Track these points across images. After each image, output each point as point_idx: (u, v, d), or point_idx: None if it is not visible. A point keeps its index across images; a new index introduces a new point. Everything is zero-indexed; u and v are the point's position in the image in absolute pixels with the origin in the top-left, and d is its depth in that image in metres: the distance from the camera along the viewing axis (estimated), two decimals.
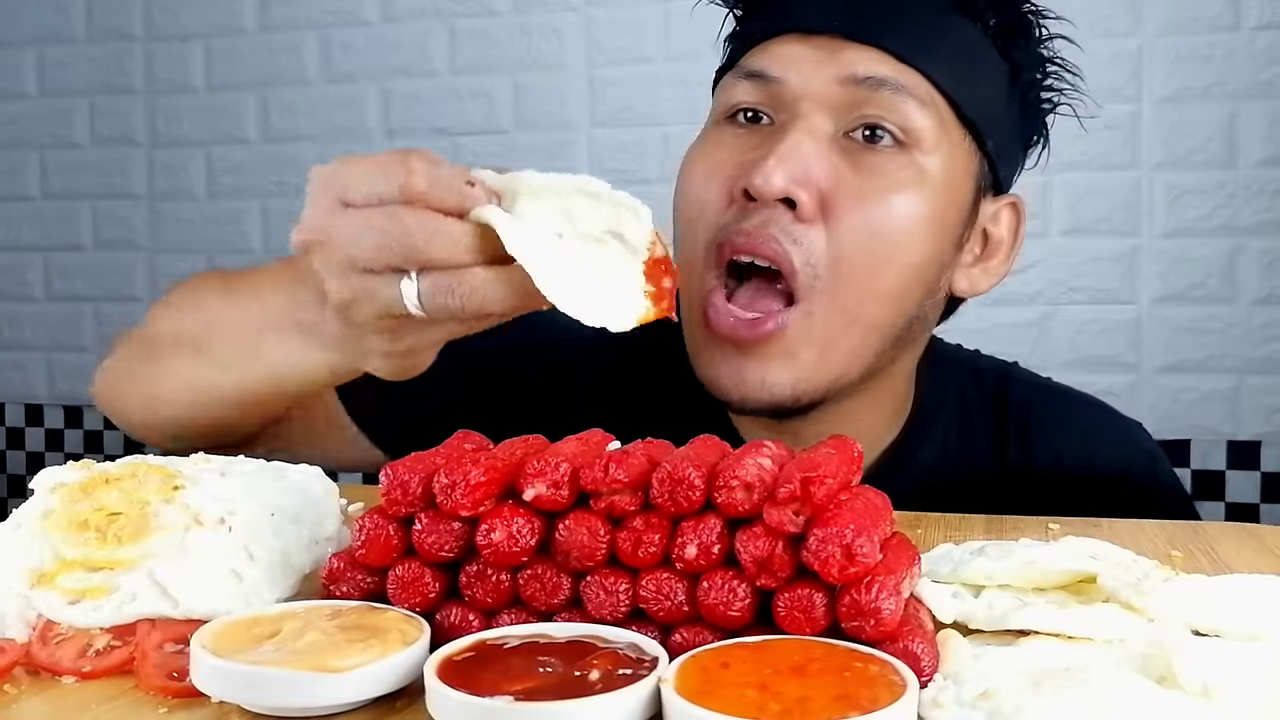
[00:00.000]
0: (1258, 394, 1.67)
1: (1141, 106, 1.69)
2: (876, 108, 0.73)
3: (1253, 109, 1.65)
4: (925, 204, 0.74)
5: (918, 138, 0.73)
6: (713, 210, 0.74)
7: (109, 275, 2.16)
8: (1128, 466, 0.87)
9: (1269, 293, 1.66)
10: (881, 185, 0.73)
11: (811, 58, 0.74)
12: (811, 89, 0.74)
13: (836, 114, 0.74)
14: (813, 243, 0.71)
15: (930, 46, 0.75)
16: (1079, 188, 1.71)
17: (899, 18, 0.75)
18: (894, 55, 0.74)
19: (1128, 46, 1.69)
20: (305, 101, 2.04)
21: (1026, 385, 0.91)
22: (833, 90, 0.73)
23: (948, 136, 0.75)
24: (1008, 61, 0.79)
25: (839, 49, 0.74)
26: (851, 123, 0.74)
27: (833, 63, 0.74)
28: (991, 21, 0.78)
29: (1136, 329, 1.71)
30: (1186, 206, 1.68)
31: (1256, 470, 1.68)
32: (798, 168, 0.71)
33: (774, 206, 0.71)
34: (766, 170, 0.70)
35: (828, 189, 0.72)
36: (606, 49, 1.89)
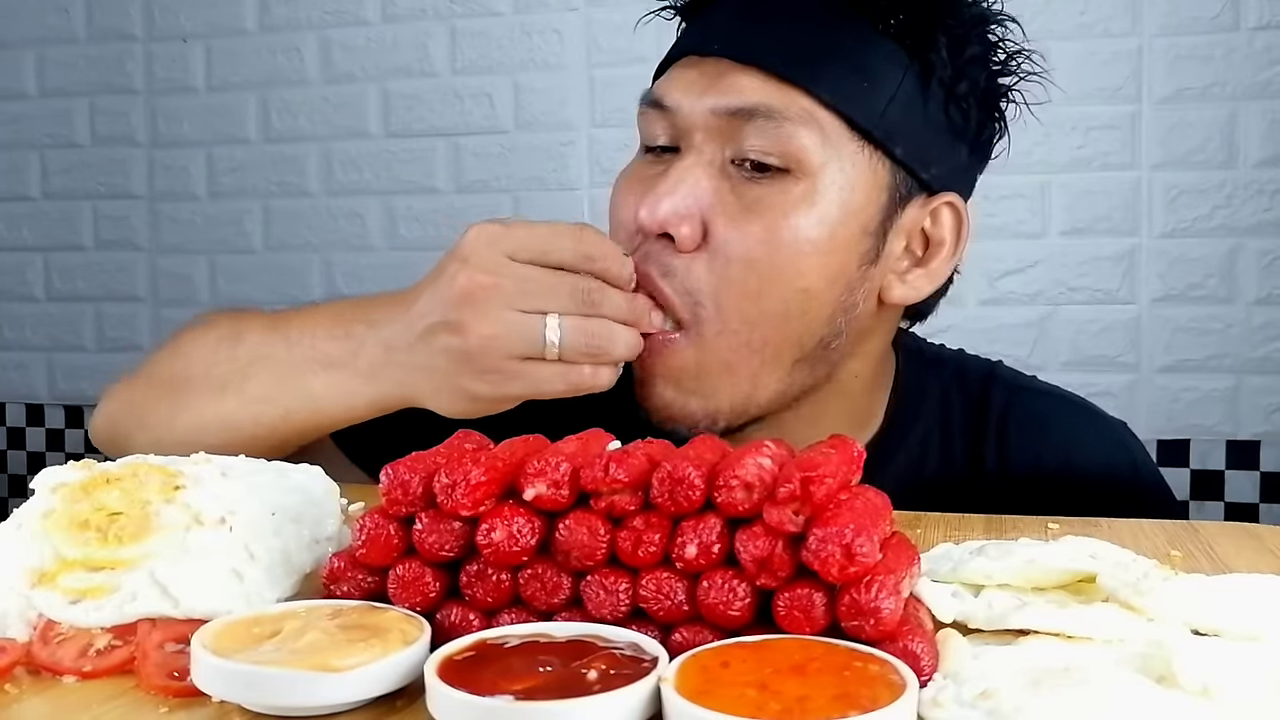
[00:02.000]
0: (1257, 394, 1.67)
1: (1141, 107, 1.69)
2: (752, 139, 0.72)
3: (1252, 109, 1.66)
4: (814, 226, 0.72)
5: (798, 160, 0.72)
6: (621, 235, 0.77)
7: (109, 275, 2.16)
8: (1109, 468, 0.86)
9: (1268, 293, 1.66)
10: (763, 212, 0.72)
11: (697, 85, 0.75)
12: (696, 118, 0.74)
13: (722, 141, 0.74)
14: (689, 272, 0.72)
15: (814, 62, 0.73)
16: (1078, 188, 1.71)
17: (783, 35, 0.74)
18: (774, 75, 0.72)
19: (1127, 46, 1.69)
20: (305, 102, 2.04)
21: (1008, 387, 0.89)
22: (712, 120, 0.74)
23: (838, 152, 0.73)
24: (917, 60, 0.74)
25: (721, 75, 0.74)
26: (735, 152, 0.73)
27: (712, 91, 0.73)
28: (893, 20, 0.74)
29: (1136, 329, 1.71)
30: (1186, 206, 1.68)
31: (1256, 470, 1.69)
32: (679, 201, 0.72)
33: (655, 239, 0.73)
34: (649, 204, 0.72)
35: (709, 218, 0.72)
36: (607, 49, 1.89)
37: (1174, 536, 0.65)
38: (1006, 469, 0.85)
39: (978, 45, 0.77)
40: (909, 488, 0.82)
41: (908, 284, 0.79)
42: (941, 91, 0.76)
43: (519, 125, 1.95)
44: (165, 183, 2.13)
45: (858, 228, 0.74)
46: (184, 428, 0.78)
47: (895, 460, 0.84)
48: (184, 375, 0.80)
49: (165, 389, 0.81)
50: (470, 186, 1.98)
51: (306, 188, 2.05)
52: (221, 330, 0.81)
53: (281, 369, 0.75)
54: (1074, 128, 1.69)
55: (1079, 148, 1.70)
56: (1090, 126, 1.70)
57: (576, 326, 0.67)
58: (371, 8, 2.00)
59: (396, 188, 2.01)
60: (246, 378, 0.76)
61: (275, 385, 0.75)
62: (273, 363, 0.76)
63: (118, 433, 0.85)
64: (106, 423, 0.87)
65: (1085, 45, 1.68)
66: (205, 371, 0.79)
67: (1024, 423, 0.87)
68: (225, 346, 0.79)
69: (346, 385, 0.73)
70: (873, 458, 0.82)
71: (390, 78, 2.00)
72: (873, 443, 0.84)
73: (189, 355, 0.81)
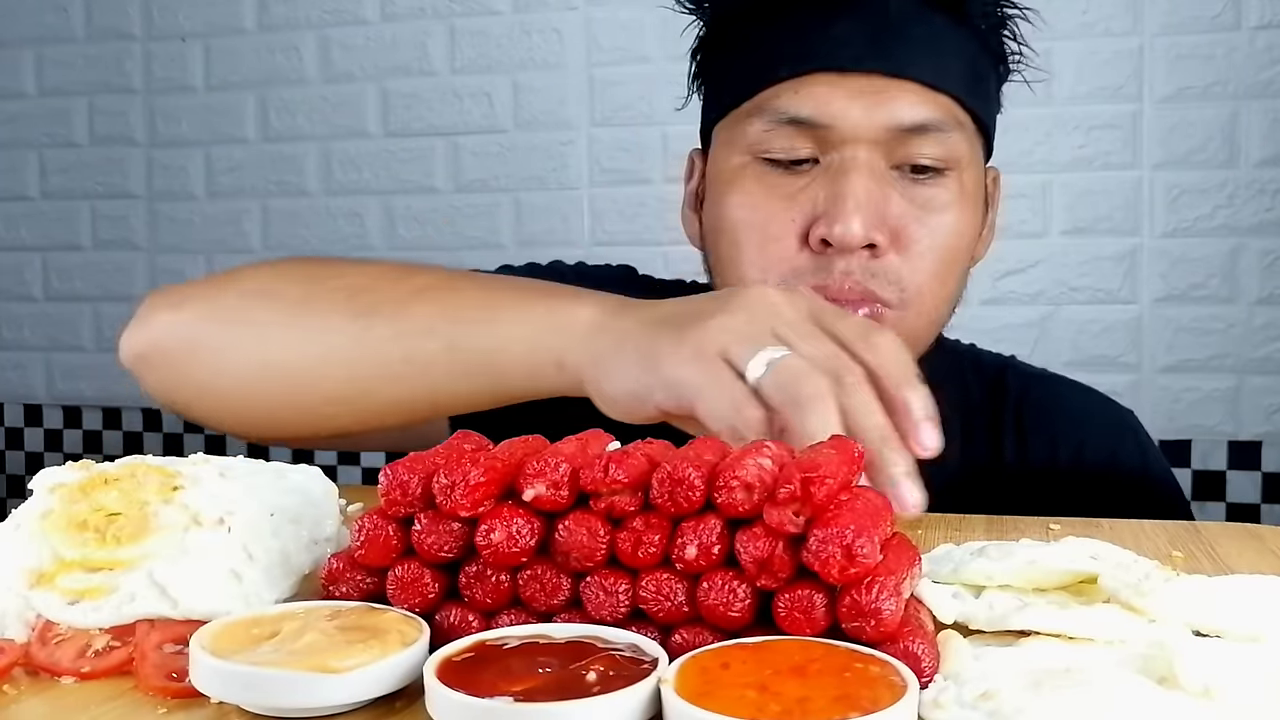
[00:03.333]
0: (1258, 394, 1.67)
1: (1142, 106, 1.69)
2: (922, 147, 0.78)
3: (1253, 108, 1.65)
4: (968, 213, 0.81)
5: (957, 162, 0.80)
6: (780, 248, 0.78)
7: (108, 275, 2.16)
8: (1116, 453, 0.89)
9: (1270, 293, 1.66)
10: (935, 210, 0.79)
11: (857, 103, 0.78)
12: (862, 134, 0.78)
13: (885, 152, 0.78)
14: (889, 270, 0.78)
15: (953, 69, 0.80)
16: (1079, 187, 1.71)
17: (924, 47, 0.79)
18: (928, 86, 0.78)
19: (1128, 46, 1.69)
20: (304, 101, 2.04)
21: (1023, 375, 0.95)
22: (881, 134, 0.78)
23: (974, 148, 0.82)
24: (993, 57, 0.85)
25: (880, 90, 0.78)
26: (898, 159, 0.78)
27: (879, 109, 0.77)
28: (982, 25, 0.82)
29: (1137, 329, 1.71)
30: (1187, 206, 1.68)
31: (1257, 470, 1.68)
32: (871, 212, 0.76)
33: (853, 251, 0.76)
34: (846, 220, 0.75)
35: (895, 224, 0.78)
36: (606, 48, 1.89)
37: (1175, 537, 0.65)
38: (1026, 458, 0.89)
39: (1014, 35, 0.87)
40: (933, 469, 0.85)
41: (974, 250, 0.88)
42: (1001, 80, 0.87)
43: (518, 125, 1.95)
44: (164, 182, 2.13)
45: (981, 209, 0.85)
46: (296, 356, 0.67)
47: None
48: (305, 295, 0.69)
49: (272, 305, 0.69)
50: (469, 186, 1.98)
51: (305, 187, 2.05)
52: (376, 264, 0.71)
53: (459, 305, 0.66)
54: (1075, 127, 1.69)
55: (1080, 147, 1.70)
56: (1091, 126, 1.70)
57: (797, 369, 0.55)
58: (370, 7, 2.00)
59: (395, 187, 2.01)
60: (406, 306, 0.66)
61: (445, 318, 0.65)
62: (450, 296, 0.66)
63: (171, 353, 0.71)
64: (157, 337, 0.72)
65: (1087, 44, 1.68)
66: (347, 295, 0.67)
67: (1039, 408, 0.92)
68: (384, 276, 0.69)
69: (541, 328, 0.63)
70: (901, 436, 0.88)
71: (389, 77, 2.00)
72: None
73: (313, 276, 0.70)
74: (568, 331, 0.63)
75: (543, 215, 1.94)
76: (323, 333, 0.67)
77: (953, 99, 0.79)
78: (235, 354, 0.69)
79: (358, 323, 0.66)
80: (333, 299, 0.68)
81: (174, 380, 0.72)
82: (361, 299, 0.67)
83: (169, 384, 0.73)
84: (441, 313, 0.65)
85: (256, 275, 0.73)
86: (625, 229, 1.89)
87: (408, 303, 0.66)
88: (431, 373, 0.65)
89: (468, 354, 0.64)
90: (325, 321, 0.67)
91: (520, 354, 0.63)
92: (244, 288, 0.72)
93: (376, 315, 0.66)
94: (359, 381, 0.61)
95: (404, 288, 0.67)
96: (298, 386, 0.69)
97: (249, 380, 0.69)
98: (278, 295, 0.70)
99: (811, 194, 0.78)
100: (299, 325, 0.68)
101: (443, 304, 0.66)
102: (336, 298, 0.68)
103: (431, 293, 0.67)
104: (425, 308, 0.66)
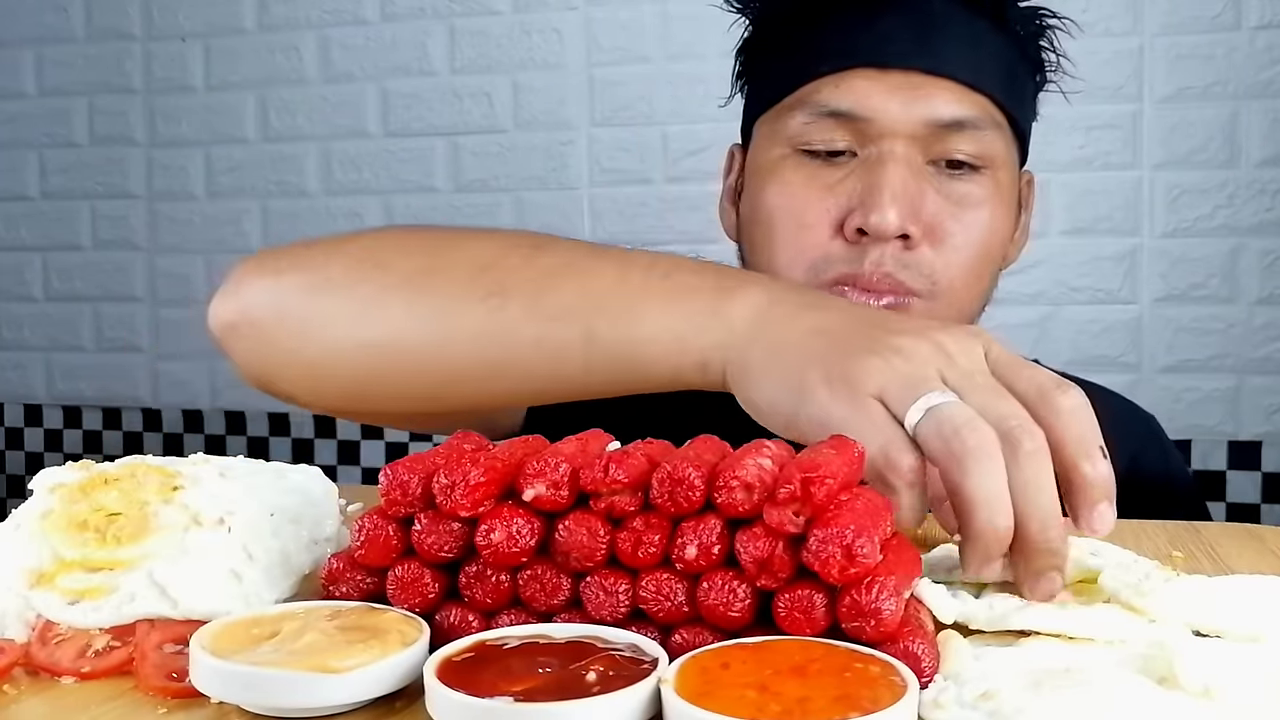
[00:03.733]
0: (1259, 394, 1.67)
1: (1142, 106, 1.69)
2: (959, 143, 0.79)
3: (1253, 108, 1.65)
4: (1002, 211, 0.83)
5: (992, 160, 0.81)
6: (815, 236, 0.79)
7: (108, 275, 2.16)
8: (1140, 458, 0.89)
9: (1270, 292, 1.66)
10: (970, 207, 0.81)
11: (895, 97, 0.79)
12: (900, 128, 0.79)
13: (922, 147, 0.79)
14: (922, 262, 0.79)
15: (991, 70, 0.81)
16: (1079, 187, 1.71)
17: (964, 46, 0.81)
18: (966, 85, 0.80)
19: (1128, 46, 1.69)
20: (304, 101, 2.04)
21: None
22: (919, 129, 0.79)
23: (1009, 148, 0.83)
24: (1030, 63, 0.86)
25: (919, 86, 0.79)
26: (934, 154, 0.80)
27: (917, 104, 0.79)
28: (1020, 31, 0.84)
29: (1137, 329, 1.71)
30: (1187, 206, 1.68)
31: (1257, 470, 1.68)
32: (906, 204, 0.77)
33: (887, 241, 0.77)
34: (883, 209, 0.76)
35: (929, 218, 0.79)
36: (606, 48, 1.89)
37: (1175, 537, 0.65)
38: None
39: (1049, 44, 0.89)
40: None
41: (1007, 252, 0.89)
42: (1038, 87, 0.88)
43: (518, 125, 1.95)
44: (164, 182, 2.13)
45: (1015, 209, 0.87)
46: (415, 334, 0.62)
47: None
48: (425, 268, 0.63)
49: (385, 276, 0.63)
50: (469, 186, 1.98)
51: (305, 187, 2.05)
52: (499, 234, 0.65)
53: (599, 291, 0.60)
54: (1075, 127, 1.69)
55: (1080, 147, 1.70)
56: (1091, 126, 1.70)
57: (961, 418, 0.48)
58: (370, 7, 2.00)
59: (395, 187, 2.01)
60: (540, 287, 0.61)
61: (584, 303, 0.60)
62: (592, 278, 0.60)
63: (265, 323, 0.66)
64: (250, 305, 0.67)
65: (1086, 44, 1.67)
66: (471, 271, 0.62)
67: None
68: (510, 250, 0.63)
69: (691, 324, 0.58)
70: None
71: (389, 77, 2.00)
72: None
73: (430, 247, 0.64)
74: (720, 332, 0.58)
75: (543, 215, 1.94)
76: (446, 313, 0.61)
77: (990, 99, 0.80)
78: (342, 328, 0.64)
79: (488, 302, 0.61)
80: (454, 274, 0.62)
81: (266, 352, 0.68)
82: (489, 276, 0.61)
83: (260, 355, 0.68)
84: (580, 298, 0.60)
85: (364, 242, 0.67)
86: (625, 229, 1.89)
87: (541, 284, 0.61)
88: (565, 360, 0.60)
89: (608, 344, 0.59)
90: (448, 299, 0.61)
91: (665, 350, 0.58)
92: (351, 255, 0.66)
93: (507, 295, 0.61)
94: (484, 365, 0.56)
95: (535, 267, 0.62)
96: (413, 366, 0.63)
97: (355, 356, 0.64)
98: (391, 266, 0.64)
99: (849, 185, 0.79)
100: (419, 302, 0.62)
101: (581, 288, 0.60)
102: (458, 274, 0.62)
103: (566, 273, 0.61)
104: (561, 291, 0.60)
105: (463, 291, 0.62)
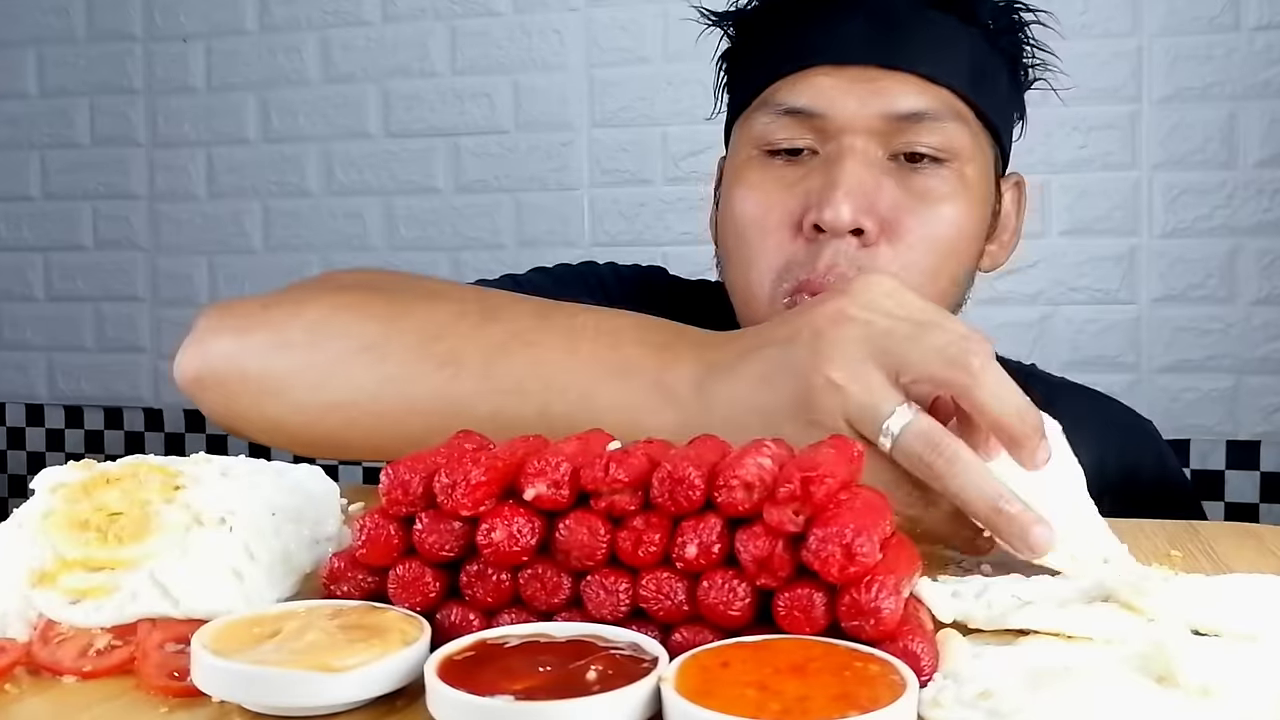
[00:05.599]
0: (1257, 394, 1.67)
1: (1141, 106, 1.69)
2: (918, 135, 0.78)
3: (1252, 109, 1.66)
4: (968, 207, 0.81)
5: (956, 153, 0.80)
6: (777, 239, 0.79)
7: (109, 275, 2.16)
8: (1137, 463, 0.90)
9: (1268, 293, 1.67)
10: (932, 201, 0.79)
11: (852, 92, 0.79)
12: (856, 123, 0.78)
13: (881, 140, 0.79)
14: (878, 260, 0.78)
15: (953, 62, 0.80)
16: (1078, 188, 1.71)
17: (924, 40, 0.80)
18: (925, 78, 0.79)
19: (1127, 46, 1.69)
20: (305, 101, 2.04)
21: (1046, 384, 0.95)
22: (876, 123, 0.78)
23: (977, 142, 0.82)
24: (1004, 56, 0.85)
25: (874, 79, 0.79)
26: (895, 148, 0.79)
27: (874, 98, 0.78)
28: (991, 25, 0.83)
29: (1136, 329, 1.71)
30: (1186, 206, 1.68)
31: (1256, 470, 1.69)
32: (861, 198, 0.76)
33: (842, 237, 0.76)
34: (835, 204, 0.75)
35: (887, 212, 0.78)
36: (607, 49, 1.89)
37: (1174, 536, 0.65)
38: None
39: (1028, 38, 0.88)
40: None
41: (991, 256, 0.88)
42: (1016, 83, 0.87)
43: (519, 125, 1.95)
44: (165, 182, 2.13)
45: (987, 208, 0.84)
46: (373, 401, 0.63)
47: None
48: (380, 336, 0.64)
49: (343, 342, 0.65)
50: (470, 186, 1.98)
51: (306, 188, 2.05)
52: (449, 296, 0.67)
53: (549, 369, 0.61)
54: (1074, 128, 1.69)
55: (1079, 147, 1.71)
56: (1090, 126, 1.70)
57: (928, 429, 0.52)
58: (371, 8, 2.00)
59: (396, 188, 2.01)
60: (492, 360, 0.62)
61: (536, 381, 0.60)
62: (541, 350, 0.61)
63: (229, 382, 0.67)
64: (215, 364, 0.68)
65: (1085, 45, 1.68)
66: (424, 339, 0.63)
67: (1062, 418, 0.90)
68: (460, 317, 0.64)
69: (643, 401, 0.58)
70: None
71: (390, 78, 2.00)
72: None
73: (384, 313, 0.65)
74: (671, 411, 0.58)
75: (543, 216, 1.94)
76: (405, 381, 0.62)
77: (952, 92, 0.80)
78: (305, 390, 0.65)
79: (443, 372, 0.62)
80: (407, 341, 0.63)
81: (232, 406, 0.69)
82: (442, 345, 0.63)
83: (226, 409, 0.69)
84: (532, 374, 0.61)
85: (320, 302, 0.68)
86: (626, 229, 1.90)
87: (493, 357, 0.62)
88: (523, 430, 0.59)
89: (565, 420, 0.58)
90: (405, 368, 0.62)
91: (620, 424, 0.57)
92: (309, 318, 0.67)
93: (460, 365, 0.62)
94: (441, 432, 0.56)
95: (485, 338, 0.62)
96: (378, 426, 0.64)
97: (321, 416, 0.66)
98: (348, 332, 0.65)
99: (808, 183, 0.79)
100: (378, 369, 0.63)
101: (532, 361, 0.61)
102: (410, 340, 0.63)
103: (514, 345, 0.62)
104: (512, 366, 0.61)
105: (418, 359, 0.63)
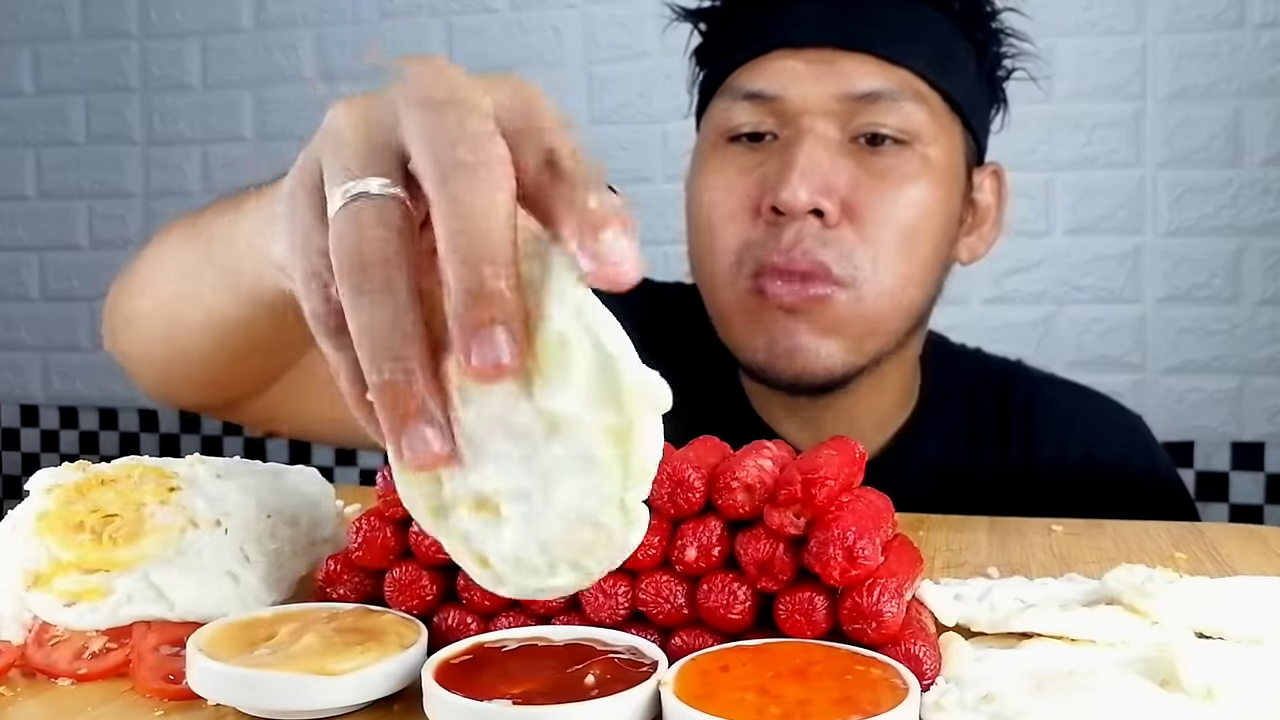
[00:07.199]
0: (1262, 395, 1.67)
1: (1145, 104, 1.68)
2: (876, 116, 0.78)
3: (1257, 107, 1.65)
4: (933, 189, 0.79)
5: (917, 134, 0.79)
6: (737, 225, 0.79)
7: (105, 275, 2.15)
8: (1125, 458, 0.90)
9: (1274, 293, 1.66)
10: (894, 181, 0.78)
11: (808, 74, 0.78)
12: (813, 104, 0.78)
13: (840, 122, 0.78)
14: (843, 242, 0.76)
15: (914, 44, 0.80)
16: (1082, 186, 1.71)
17: (882, 21, 0.80)
18: (884, 59, 0.78)
19: (1131, 44, 1.68)
20: (301, 99, 2.03)
21: (1031, 380, 0.95)
22: (833, 104, 0.78)
23: (941, 124, 0.80)
24: (972, 43, 0.84)
25: (832, 60, 0.78)
26: (854, 130, 0.78)
27: (830, 78, 0.78)
28: (956, 8, 0.83)
29: (1141, 329, 1.70)
30: (1191, 205, 1.68)
31: (1261, 471, 1.68)
32: (818, 179, 0.76)
33: (803, 219, 0.76)
34: (792, 185, 0.75)
35: (847, 193, 0.77)
36: (605, 46, 1.88)
37: (1178, 538, 0.64)
38: (1033, 462, 0.89)
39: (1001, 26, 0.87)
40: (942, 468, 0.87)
41: (969, 247, 0.87)
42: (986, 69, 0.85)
43: None
44: (161, 181, 2.12)
45: (957, 194, 0.83)
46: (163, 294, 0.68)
47: (930, 440, 0.89)
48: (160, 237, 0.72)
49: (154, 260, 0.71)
50: None
51: None
52: None
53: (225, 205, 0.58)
54: (1078, 126, 1.69)
55: (1083, 146, 1.70)
56: (1095, 124, 1.69)
57: None
58: (368, 5, 1.99)
59: None
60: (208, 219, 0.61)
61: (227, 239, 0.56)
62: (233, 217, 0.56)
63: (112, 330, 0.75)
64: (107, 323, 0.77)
65: (1089, 43, 1.68)
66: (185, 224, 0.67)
67: (1047, 413, 0.91)
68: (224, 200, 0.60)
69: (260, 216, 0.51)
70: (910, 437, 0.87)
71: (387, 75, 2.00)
72: (909, 423, 0.89)
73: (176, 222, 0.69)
74: None
75: None
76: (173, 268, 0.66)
77: (913, 72, 0.79)
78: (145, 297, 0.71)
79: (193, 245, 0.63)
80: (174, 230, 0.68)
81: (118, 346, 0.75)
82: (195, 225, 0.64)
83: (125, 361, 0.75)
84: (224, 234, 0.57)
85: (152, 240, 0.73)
86: None
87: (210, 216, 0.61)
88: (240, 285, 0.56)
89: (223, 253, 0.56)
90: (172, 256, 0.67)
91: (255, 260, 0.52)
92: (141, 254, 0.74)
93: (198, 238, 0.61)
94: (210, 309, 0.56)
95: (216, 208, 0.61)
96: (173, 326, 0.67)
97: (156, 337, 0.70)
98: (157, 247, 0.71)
99: (767, 167, 0.79)
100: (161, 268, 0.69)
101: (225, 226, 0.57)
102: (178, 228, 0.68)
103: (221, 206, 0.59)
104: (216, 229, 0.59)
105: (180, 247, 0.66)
